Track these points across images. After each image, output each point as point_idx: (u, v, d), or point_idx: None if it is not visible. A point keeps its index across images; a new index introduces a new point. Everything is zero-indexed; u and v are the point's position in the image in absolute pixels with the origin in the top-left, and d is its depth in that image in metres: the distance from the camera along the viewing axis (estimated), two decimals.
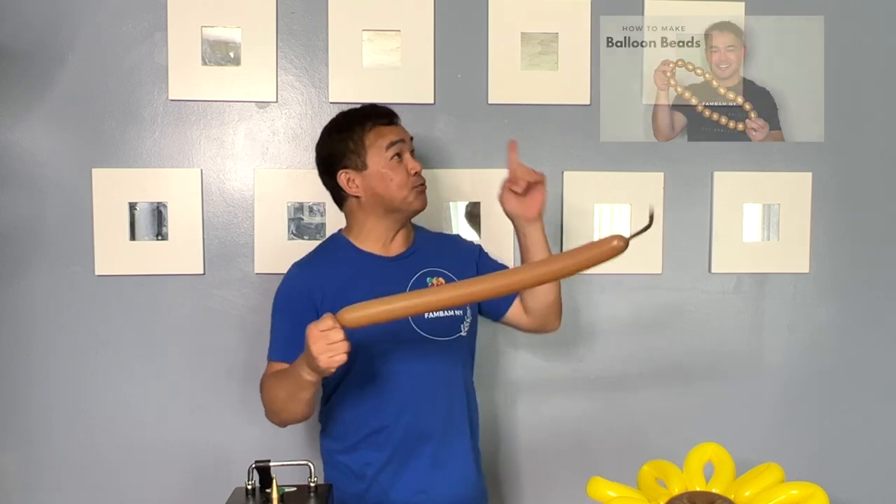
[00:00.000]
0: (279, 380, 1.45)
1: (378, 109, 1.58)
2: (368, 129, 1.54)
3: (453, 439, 1.58)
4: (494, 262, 1.71)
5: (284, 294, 1.57)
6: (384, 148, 1.54)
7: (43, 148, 1.83)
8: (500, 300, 1.65)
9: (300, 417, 1.48)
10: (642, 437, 1.97)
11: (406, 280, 1.57)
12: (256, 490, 1.38)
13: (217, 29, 1.86)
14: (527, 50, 1.92)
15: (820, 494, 1.04)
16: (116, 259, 1.85)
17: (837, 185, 2.00)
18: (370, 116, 1.56)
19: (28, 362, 1.85)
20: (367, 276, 1.56)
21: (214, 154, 1.88)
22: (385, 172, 1.54)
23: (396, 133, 1.56)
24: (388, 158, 1.54)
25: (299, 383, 1.37)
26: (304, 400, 1.42)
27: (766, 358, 2.01)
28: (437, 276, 1.60)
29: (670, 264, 1.98)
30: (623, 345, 1.98)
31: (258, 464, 1.37)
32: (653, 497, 1.11)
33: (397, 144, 1.54)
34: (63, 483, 1.87)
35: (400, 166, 1.54)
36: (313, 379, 1.35)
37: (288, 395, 1.43)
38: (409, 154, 1.56)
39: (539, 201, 1.53)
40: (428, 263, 1.60)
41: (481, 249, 1.73)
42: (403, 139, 1.56)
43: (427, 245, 1.65)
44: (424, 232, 1.71)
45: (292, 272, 1.59)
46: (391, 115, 1.58)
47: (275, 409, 1.49)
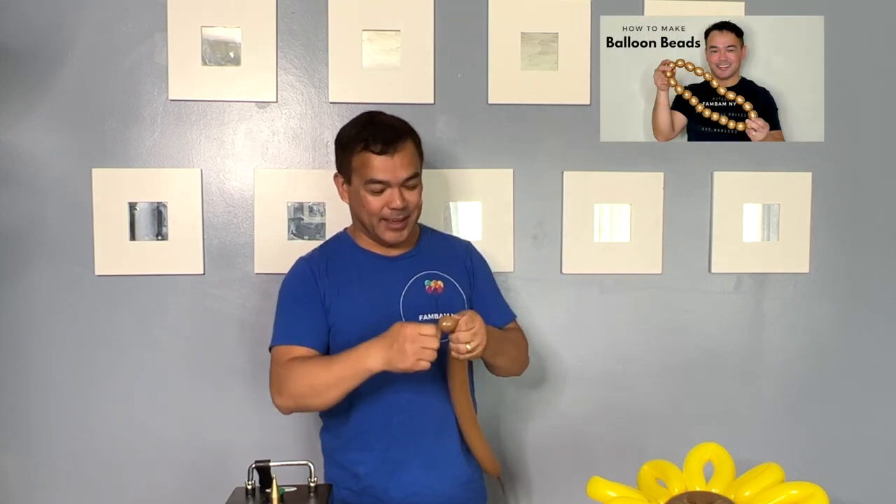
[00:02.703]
0: (327, 364, 1.45)
1: (378, 134, 1.49)
2: (359, 152, 1.50)
3: (447, 440, 1.58)
4: (482, 268, 1.72)
5: (291, 282, 1.59)
6: (364, 179, 1.51)
7: (43, 148, 1.83)
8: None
9: (327, 405, 1.48)
10: (642, 437, 1.97)
11: (404, 281, 1.57)
12: (256, 490, 1.38)
13: (217, 29, 1.86)
14: (527, 50, 1.92)
15: (820, 494, 1.04)
16: (116, 259, 1.85)
17: (837, 185, 2.00)
18: (367, 140, 1.49)
19: (28, 362, 1.85)
20: (367, 274, 1.58)
21: (214, 154, 1.88)
22: (362, 196, 1.52)
23: (384, 170, 1.48)
24: (368, 189, 1.51)
25: (358, 372, 1.41)
26: (348, 389, 1.44)
27: (766, 358, 2.01)
28: (436, 280, 1.60)
29: (670, 264, 1.98)
30: (623, 345, 1.98)
31: (258, 464, 1.37)
32: (653, 497, 1.11)
33: (375, 184, 1.49)
34: (63, 483, 1.87)
35: (375, 199, 1.51)
36: (378, 370, 1.40)
37: (336, 379, 1.43)
38: (396, 189, 1.50)
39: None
40: (428, 266, 1.61)
41: (468, 249, 1.73)
42: (386, 181, 1.49)
43: (430, 247, 1.66)
44: (431, 233, 1.71)
45: (298, 264, 1.61)
46: (390, 144, 1.49)
47: (302, 392, 1.46)
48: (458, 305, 1.59)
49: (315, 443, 1.72)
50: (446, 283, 1.60)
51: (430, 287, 1.58)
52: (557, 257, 1.95)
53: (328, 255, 1.62)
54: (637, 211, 1.96)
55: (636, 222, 1.96)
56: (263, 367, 1.86)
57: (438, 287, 1.59)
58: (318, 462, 1.61)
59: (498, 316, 1.68)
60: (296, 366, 1.48)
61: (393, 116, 1.58)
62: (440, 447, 1.57)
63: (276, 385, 1.51)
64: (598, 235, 1.96)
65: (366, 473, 1.56)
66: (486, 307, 1.64)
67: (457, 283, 1.62)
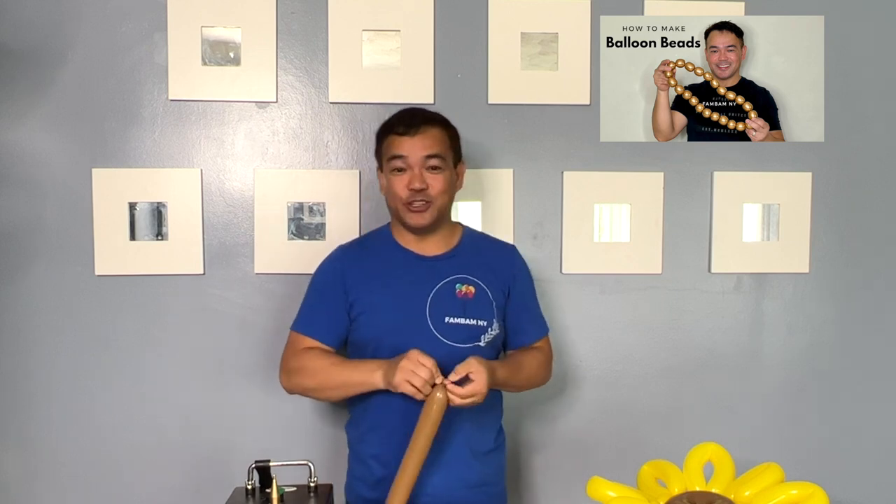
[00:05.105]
0: (339, 368, 1.52)
1: (403, 118, 1.57)
2: (386, 135, 1.57)
3: (456, 443, 1.56)
4: (523, 278, 1.70)
5: (321, 273, 1.63)
6: (387, 158, 1.56)
7: (43, 148, 1.83)
8: (509, 341, 1.68)
9: (328, 401, 1.64)
10: (642, 437, 1.97)
11: (435, 282, 1.57)
12: (256, 490, 1.38)
13: (217, 29, 1.86)
14: (527, 50, 1.92)
15: (820, 494, 1.04)
16: (116, 259, 1.85)
17: (837, 185, 2.00)
18: (394, 125, 1.56)
19: (28, 362, 1.85)
20: (398, 271, 1.59)
21: (214, 154, 1.88)
22: (389, 181, 1.57)
23: (405, 147, 1.53)
24: (390, 170, 1.55)
25: (364, 382, 1.48)
26: (352, 394, 1.53)
27: (766, 358, 2.02)
28: (468, 284, 1.58)
29: (670, 264, 1.98)
30: (623, 345, 1.98)
31: (258, 464, 1.37)
32: (653, 497, 1.11)
33: (396, 160, 1.54)
34: (63, 483, 1.87)
35: (398, 179, 1.54)
36: (380, 386, 1.46)
37: (342, 384, 1.51)
38: (416, 170, 1.53)
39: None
40: (463, 270, 1.60)
41: (512, 256, 1.70)
42: (403, 156, 1.53)
43: (470, 250, 1.64)
44: (474, 236, 1.71)
45: (335, 253, 1.64)
46: (411, 126, 1.54)
47: (310, 386, 1.55)
48: (487, 313, 1.58)
49: (315, 443, 1.72)
50: (478, 290, 1.59)
51: (461, 291, 1.58)
52: (557, 257, 1.95)
53: (365, 246, 1.65)
54: (637, 211, 1.96)
55: (636, 222, 1.96)
56: (263, 368, 1.87)
57: (469, 292, 1.58)
58: (318, 462, 1.61)
59: (528, 334, 1.67)
60: (310, 360, 1.55)
61: (431, 111, 1.63)
62: (448, 450, 1.55)
63: (285, 369, 1.58)
64: (598, 235, 1.96)
65: (379, 468, 1.56)
66: (518, 322, 1.65)
67: (489, 291, 1.60)
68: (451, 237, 1.63)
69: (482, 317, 1.56)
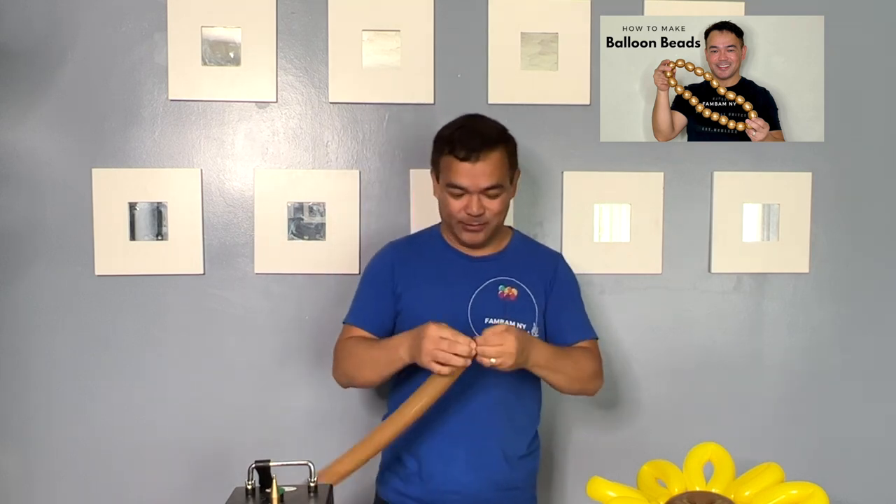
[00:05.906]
0: (370, 346, 1.55)
1: (465, 139, 1.51)
2: (446, 154, 1.54)
3: (488, 446, 1.56)
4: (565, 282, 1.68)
5: (372, 267, 1.66)
6: (446, 181, 1.55)
7: (43, 148, 1.83)
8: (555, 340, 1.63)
9: (368, 383, 1.61)
10: (642, 437, 1.97)
11: (478, 283, 1.58)
12: (256, 490, 1.38)
13: (217, 29, 1.86)
14: (527, 50, 1.92)
15: (820, 494, 1.04)
16: (116, 259, 1.85)
17: (837, 185, 2.00)
18: (454, 143, 1.51)
19: (28, 362, 1.85)
20: (444, 270, 1.61)
21: (214, 154, 1.88)
22: (444, 196, 1.57)
23: (463, 176, 1.50)
24: (447, 187, 1.55)
25: (392, 358, 1.48)
26: (384, 372, 1.52)
27: (766, 358, 2.01)
28: (511, 287, 1.59)
29: (670, 264, 1.98)
30: (623, 345, 1.98)
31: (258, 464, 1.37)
32: (653, 497, 1.11)
33: (456, 189, 1.53)
34: (63, 483, 1.87)
35: (455, 201, 1.54)
36: (407, 360, 1.45)
37: (373, 361, 1.53)
38: (475, 196, 1.51)
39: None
40: (507, 272, 1.61)
41: (556, 262, 1.69)
42: (464, 188, 1.51)
43: (515, 254, 1.65)
44: (522, 240, 1.71)
45: (385, 249, 1.68)
46: (473, 152, 1.50)
47: (347, 369, 1.57)
48: (528, 316, 1.58)
49: (315, 443, 1.72)
50: (520, 292, 1.59)
51: (504, 293, 1.59)
52: None
53: (415, 245, 1.67)
54: (637, 211, 1.96)
55: (636, 222, 1.96)
56: (263, 368, 1.88)
57: (511, 294, 1.59)
58: (318, 462, 1.61)
59: (571, 333, 1.63)
60: (350, 345, 1.58)
61: (491, 122, 1.59)
62: (483, 449, 1.55)
63: (334, 359, 1.62)
64: (597, 235, 1.96)
65: (411, 463, 1.58)
66: (560, 322, 1.63)
67: (532, 294, 1.60)
68: (500, 241, 1.65)
69: (522, 319, 1.56)
